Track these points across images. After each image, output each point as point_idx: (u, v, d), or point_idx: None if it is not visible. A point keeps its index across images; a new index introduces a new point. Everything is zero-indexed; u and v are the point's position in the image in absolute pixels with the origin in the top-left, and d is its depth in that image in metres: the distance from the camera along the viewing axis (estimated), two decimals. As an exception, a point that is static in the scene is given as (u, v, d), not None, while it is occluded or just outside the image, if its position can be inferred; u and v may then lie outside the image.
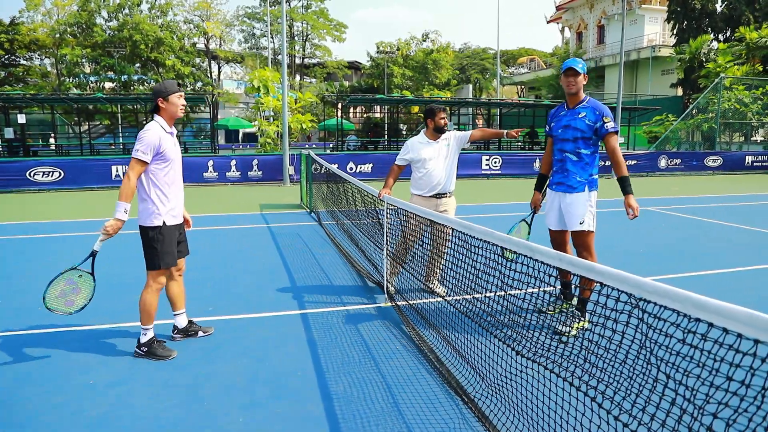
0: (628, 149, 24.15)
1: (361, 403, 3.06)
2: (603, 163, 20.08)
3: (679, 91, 35.58)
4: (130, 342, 3.95)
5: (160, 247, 3.65)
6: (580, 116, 4.12)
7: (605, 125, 4.03)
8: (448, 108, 29.32)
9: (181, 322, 4.06)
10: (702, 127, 25.05)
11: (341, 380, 3.35)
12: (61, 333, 4.18)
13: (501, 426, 2.70)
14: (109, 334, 4.16)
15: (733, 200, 12.69)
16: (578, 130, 4.12)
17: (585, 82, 4.15)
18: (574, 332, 3.88)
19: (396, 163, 5.19)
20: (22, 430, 2.83)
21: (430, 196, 5.04)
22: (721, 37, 34.54)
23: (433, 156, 5.01)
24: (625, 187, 3.99)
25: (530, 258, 2.35)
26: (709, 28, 34.67)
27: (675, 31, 35.77)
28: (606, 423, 2.02)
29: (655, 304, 1.65)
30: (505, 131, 5.20)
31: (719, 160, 21.56)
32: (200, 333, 4.11)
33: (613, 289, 1.84)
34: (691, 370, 1.62)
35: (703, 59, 30.27)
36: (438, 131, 5.05)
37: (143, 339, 3.74)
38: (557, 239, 4.43)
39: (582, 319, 3.95)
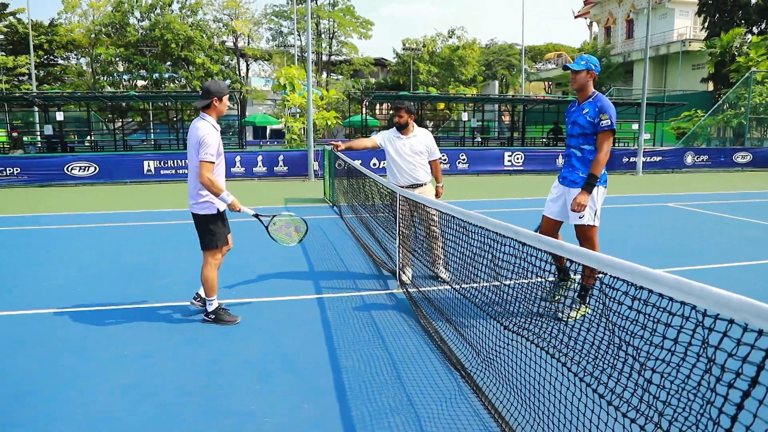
0: (654, 145, 23.83)
1: (367, 376, 3.34)
2: (627, 159, 19.94)
3: (710, 86, 34.80)
4: (160, 320, 4.33)
5: (217, 230, 4.22)
6: (583, 112, 4.20)
7: (601, 122, 4.10)
8: (472, 104, 29.37)
9: None
10: (731, 122, 24.53)
11: (350, 356, 3.64)
12: (99, 311, 4.58)
13: (492, 396, 2.94)
14: (142, 313, 4.54)
15: (756, 197, 12.54)
16: (581, 126, 4.22)
17: (590, 78, 4.21)
18: (576, 315, 4.04)
19: (372, 136, 5.65)
20: (60, 392, 3.19)
21: (405, 187, 5.34)
22: (755, 29, 33.59)
23: (398, 149, 5.38)
24: (586, 183, 4.11)
25: (515, 240, 2.59)
26: (743, 21, 33.76)
27: (706, 25, 34.98)
28: (573, 385, 2.26)
29: (611, 276, 1.88)
30: (438, 185, 5.65)
31: (748, 156, 21.12)
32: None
33: (578, 265, 2.07)
34: (637, 332, 1.85)
35: (735, 53, 29.55)
36: (398, 128, 5.41)
37: (210, 308, 4.28)
38: (547, 227, 4.51)
39: (583, 305, 4.09)
